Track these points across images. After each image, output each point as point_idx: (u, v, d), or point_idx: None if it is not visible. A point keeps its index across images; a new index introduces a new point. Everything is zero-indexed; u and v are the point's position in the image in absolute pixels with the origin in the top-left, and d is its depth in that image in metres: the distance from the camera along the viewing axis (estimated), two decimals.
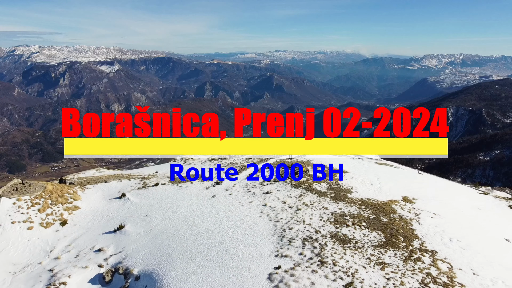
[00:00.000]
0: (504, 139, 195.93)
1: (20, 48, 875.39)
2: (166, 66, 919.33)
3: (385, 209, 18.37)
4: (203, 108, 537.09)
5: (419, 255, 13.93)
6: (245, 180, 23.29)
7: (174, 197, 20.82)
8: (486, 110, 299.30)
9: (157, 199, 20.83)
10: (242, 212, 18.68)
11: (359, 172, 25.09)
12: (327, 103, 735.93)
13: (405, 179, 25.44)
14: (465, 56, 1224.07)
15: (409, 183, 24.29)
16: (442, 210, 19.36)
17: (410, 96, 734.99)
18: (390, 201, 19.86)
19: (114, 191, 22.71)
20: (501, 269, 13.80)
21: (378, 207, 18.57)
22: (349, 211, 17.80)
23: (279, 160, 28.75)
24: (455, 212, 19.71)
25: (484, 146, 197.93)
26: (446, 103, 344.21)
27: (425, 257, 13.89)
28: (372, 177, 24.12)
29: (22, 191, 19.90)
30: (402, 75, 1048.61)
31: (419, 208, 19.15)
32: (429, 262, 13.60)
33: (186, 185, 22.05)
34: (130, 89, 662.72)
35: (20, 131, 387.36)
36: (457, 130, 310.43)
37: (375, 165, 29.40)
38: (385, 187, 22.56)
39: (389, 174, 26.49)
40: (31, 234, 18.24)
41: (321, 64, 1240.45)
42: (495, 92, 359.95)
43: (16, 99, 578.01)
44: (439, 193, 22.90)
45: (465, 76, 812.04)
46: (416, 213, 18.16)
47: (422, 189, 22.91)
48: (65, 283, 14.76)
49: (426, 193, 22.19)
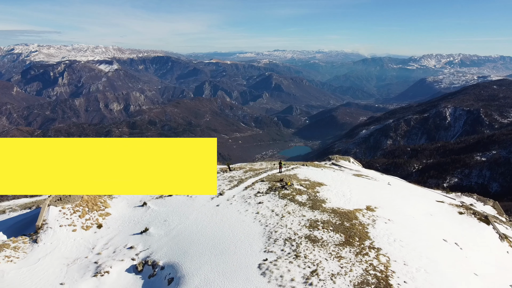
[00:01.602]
0: (501, 139, 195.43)
1: (19, 47, 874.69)
2: (165, 65, 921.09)
3: (350, 216, 23.46)
4: (202, 107, 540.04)
5: (367, 251, 19.19)
6: (242, 191, 28.61)
7: (185, 205, 26.31)
8: (484, 110, 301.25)
9: (172, 207, 26.26)
10: (239, 219, 24.27)
11: (335, 185, 30.49)
12: (326, 103, 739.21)
13: (373, 190, 30.50)
14: (464, 56, 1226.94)
15: (375, 193, 29.41)
16: (396, 217, 24.29)
17: (409, 96, 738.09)
18: (355, 209, 24.87)
19: (136, 200, 28.12)
20: (427, 262, 19.00)
21: (344, 215, 23.61)
22: (321, 218, 23.32)
23: (271, 174, 34.11)
24: (407, 218, 24.78)
25: (481, 147, 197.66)
26: (444, 103, 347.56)
27: (371, 252, 19.15)
28: (345, 189, 29.30)
29: (65, 200, 25.21)
30: (400, 75, 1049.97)
31: (377, 215, 24.07)
32: (373, 256, 18.81)
33: (195, 196, 27.32)
34: (129, 88, 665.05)
35: (19, 131, 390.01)
36: (455, 130, 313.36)
37: (352, 177, 35.06)
38: (354, 198, 27.58)
39: (361, 186, 31.70)
40: (76, 235, 23.56)
41: (320, 64, 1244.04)
42: (493, 92, 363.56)
43: (14, 98, 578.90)
44: (398, 202, 27.91)
45: (463, 76, 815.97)
46: (373, 220, 23.26)
47: (385, 199, 27.88)
48: (108, 272, 20.11)
49: (387, 202, 27.19)
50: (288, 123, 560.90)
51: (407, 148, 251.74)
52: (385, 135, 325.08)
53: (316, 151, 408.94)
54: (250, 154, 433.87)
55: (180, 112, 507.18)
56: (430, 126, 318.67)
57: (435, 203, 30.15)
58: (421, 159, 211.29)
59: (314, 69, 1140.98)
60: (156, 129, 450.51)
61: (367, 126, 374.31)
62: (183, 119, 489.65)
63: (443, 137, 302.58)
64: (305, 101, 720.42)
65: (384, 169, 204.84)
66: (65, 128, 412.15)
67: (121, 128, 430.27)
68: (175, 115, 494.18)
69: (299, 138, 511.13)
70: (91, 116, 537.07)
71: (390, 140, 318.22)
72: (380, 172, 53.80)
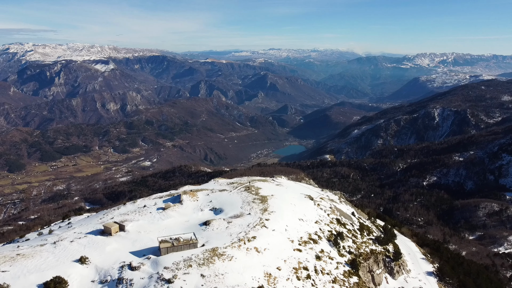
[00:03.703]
0: (479, 140, 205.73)
1: (14, 46, 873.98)
2: (160, 64, 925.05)
3: (263, 195, 53.18)
4: (198, 107, 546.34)
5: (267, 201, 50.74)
6: (236, 190, 58.08)
7: (222, 194, 56.51)
8: (470, 111, 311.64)
9: (218, 194, 56.36)
10: (235, 197, 53.94)
11: (266, 188, 59.14)
12: (320, 102, 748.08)
13: (277, 189, 59.20)
14: (457, 55, 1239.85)
15: (277, 190, 58.16)
16: (279, 197, 52.80)
17: (402, 95, 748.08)
18: (267, 195, 53.63)
19: (208, 191, 58.78)
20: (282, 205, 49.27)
21: (263, 196, 52.74)
22: (257, 196, 52.93)
23: (242, 183, 64.20)
24: (283, 197, 53.84)
25: (461, 147, 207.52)
26: (433, 104, 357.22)
27: (269, 200, 51.06)
28: (268, 189, 58.19)
29: (188, 192, 54.86)
30: (395, 74, 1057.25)
31: (272, 195, 53.41)
32: (267, 201, 50.41)
33: (227, 191, 58.69)
34: (125, 88, 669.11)
35: (18, 131, 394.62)
36: (443, 130, 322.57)
37: (274, 185, 62.96)
38: (269, 191, 56.15)
39: (275, 188, 60.13)
40: (191, 204, 51.59)
41: (315, 63, 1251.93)
42: (480, 93, 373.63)
43: (12, 98, 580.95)
44: (283, 192, 57.25)
45: (456, 75, 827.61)
46: (272, 195, 53.72)
47: (279, 192, 57.14)
48: (202, 210, 49.77)
49: (278, 193, 56.00)
50: (283, 122, 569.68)
51: (394, 148, 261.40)
52: (376, 135, 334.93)
53: (310, 150, 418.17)
54: (245, 153, 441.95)
55: (177, 112, 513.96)
56: (419, 126, 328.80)
57: (300, 195, 57.63)
58: (406, 158, 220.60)
59: (309, 68, 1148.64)
60: (153, 129, 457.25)
61: (359, 126, 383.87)
62: (180, 119, 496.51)
63: (431, 137, 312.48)
64: (300, 100, 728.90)
65: (371, 169, 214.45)
66: (64, 129, 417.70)
67: (119, 128, 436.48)
68: (171, 115, 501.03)
69: (294, 137, 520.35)
70: (88, 116, 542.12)
71: (381, 140, 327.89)
72: (294, 181, 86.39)
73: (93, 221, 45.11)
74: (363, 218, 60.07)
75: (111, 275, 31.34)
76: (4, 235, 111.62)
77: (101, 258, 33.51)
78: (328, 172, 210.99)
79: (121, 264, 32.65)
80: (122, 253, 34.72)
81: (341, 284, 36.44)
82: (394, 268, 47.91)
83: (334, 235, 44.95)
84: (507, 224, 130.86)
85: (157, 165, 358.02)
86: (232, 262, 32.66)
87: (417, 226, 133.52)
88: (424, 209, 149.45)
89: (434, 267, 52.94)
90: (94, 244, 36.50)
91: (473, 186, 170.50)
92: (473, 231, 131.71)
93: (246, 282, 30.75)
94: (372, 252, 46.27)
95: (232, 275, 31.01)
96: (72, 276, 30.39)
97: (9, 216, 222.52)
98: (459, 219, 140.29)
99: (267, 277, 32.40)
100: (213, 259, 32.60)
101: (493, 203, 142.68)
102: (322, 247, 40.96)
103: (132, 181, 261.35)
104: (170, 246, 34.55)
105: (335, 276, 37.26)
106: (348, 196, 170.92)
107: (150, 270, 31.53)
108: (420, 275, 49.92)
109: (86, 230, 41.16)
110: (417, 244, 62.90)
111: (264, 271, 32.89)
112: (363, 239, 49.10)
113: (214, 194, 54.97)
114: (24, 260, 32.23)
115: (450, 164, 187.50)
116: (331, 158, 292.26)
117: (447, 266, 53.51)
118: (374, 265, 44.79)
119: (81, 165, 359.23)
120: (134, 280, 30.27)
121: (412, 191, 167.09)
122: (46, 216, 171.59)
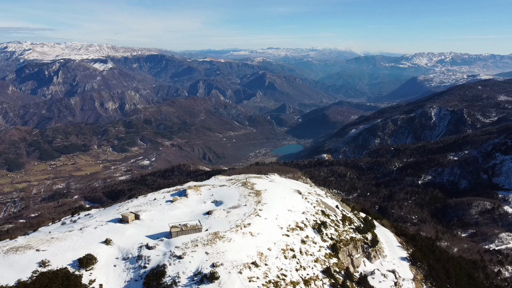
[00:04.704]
0: (474, 140, 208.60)
1: (12, 45, 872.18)
2: (159, 63, 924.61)
3: (257, 190, 59.17)
4: (196, 106, 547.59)
5: (261, 195, 56.68)
6: (234, 184, 64.33)
7: (222, 188, 61.74)
8: (467, 110, 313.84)
9: (218, 189, 62.13)
10: (233, 191, 59.99)
11: (260, 183, 64.25)
12: (318, 101, 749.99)
13: (270, 184, 64.40)
14: (455, 55, 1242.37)
15: (269, 185, 63.05)
16: (272, 192, 58.35)
17: (400, 94, 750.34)
18: (261, 190, 59.00)
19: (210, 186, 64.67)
20: (274, 198, 55.08)
21: (258, 191, 58.53)
22: (252, 191, 59.08)
23: (239, 179, 68.96)
24: (274, 191, 59.37)
25: (456, 147, 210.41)
26: (430, 104, 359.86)
27: (262, 194, 57.23)
28: (262, 185, 63.22)
29: (192, 187, 61.34)
30: (393, 73, 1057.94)
31: (265, 190, 59.30)
32: (261, 194, 56.52)
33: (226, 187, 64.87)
34: (124, 87, 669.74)
35: (17, 130, 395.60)
36: (439, 129, 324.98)
37: (267, 181, 67.28)
38: (262, 187, 61.45)
39: (267, 184, 65.05)
40: (196, 196, 57.91)
41: (313, 62, 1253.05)
42: (477, 93, 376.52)
43: (10, 97, 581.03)
44: (274, 187, 62.32)
45: (453, 75, 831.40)
46: (265, 189, 59.80)
47: (270, 187, 62.34)
48: (205, 202, 56.08)
49: (270, 187, 61.51)
50: (281, 121, 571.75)
51: (390, 147, 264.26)
52: (373, 134, 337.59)
53: (308, 149, 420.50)
54: (243, 153, 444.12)
55: (175, 111, 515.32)
56: (416, 125, 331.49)
57: (291, 190, 62.66)
58: (402, 158, 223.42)
59: (307, 68, 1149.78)
60: (152, 128, 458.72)
61: (357, 126, 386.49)
62: (178, 118, 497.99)
63: (428, 136, 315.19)
64: (298, 99, 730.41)
65: (368, 168, 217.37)
66: (63, 128, 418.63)
67: (117, 127, 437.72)
68: (170, 114, 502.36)
69: (292, 136, 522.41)
70: (87, 115, 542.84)
71: (378, 139, 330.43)
72: (285, 178, 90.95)
73: (111, 212, 51.60)
74: (346, 210, 66.31)
75: (132, 253, 38.05)
76: (8, 232, 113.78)
77: (122, 240, 40.16)
78: (325, 171, 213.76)
79: (139, 245, 39.24)
80: (139, 236, 41.43)
81: (322, 263, 43.18)
82: (371, 253, 54.04)
83: (318, 224, 51.48)
84: (498, 222, 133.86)
85: (156, 164, 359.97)
86: (230, 243, 39.46)
87: (411, 223, 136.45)
88: (419, 207, 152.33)
89: (408, 253, 58.90)
90: (114, 229, 43.11)
91: (467, 185, 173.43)
92: (465, 228, 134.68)
93: (242, 258, 37.47)
94: (352, 239, 52.69)
95: (230, 253, 37.72)
96: (100, 254, 37.28)
97: (9, 215, 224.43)
98: (452, 217, 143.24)
99: (259, 255, 39.09)
100: (215, 241, 39.48)
101: (485, 202, 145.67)
102: (307, 233, 47.87)
103: (131, 180, 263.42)
104: (180, 230, 41.15)
105: (317, 257, 43.80)
106: (345, 194, 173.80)
107: (163, 249, 38.32)
108: (395, 259, 56.15)
109: (106, 219, 47.63)
110: (395, 234, 68.95)
111: (257, 251, 39.64)
112: (345, 228, 55.48)
113: (215, 189, 61.25)
114: (59, 242, 39.13)
115: (445, 163, 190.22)
116: (328, 157, 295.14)
117: (419, 253, 59.35)
118: (353, 250, 51.37)
119: (80, 164, 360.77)
120: (151, 257, 37.13)
121: (407, 190, 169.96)
122: (46, 214, 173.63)
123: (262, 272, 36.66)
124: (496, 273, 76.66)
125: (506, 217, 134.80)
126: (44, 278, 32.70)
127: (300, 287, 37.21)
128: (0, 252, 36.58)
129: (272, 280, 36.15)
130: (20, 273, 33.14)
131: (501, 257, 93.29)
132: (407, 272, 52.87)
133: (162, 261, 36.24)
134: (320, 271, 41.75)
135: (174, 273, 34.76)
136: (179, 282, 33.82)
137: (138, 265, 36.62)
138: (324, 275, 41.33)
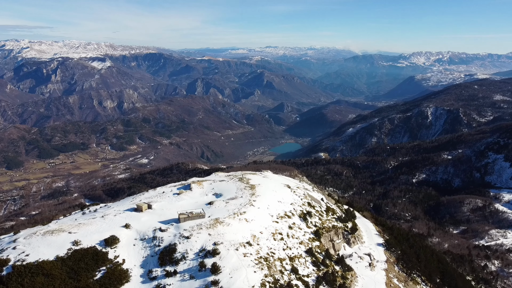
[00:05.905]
0: (468, 139, 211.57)
1: (10, 43, 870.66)
2: (157, 62, 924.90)
3: (252, 184, 66.01)
4: (194, 105, 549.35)
5: (255, 188, 63.38)
6: (232, 179, 71.26)
7: (222, 182, 69.27)
8: (463, 110, 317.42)
9: (219, 183, 69.03)
10: (232, 185, 66.78)
11: (254, 179, 70.88)
12: (316, 100, 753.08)
13: (262, 179, 71.01)
14: (453, 54, 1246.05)
15: (262, 180, 69.92)
16: (264, 186, 65.45)
17: (397, 93, 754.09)
18: (255, 184, 66.16)
19: (211, 181, 71.08)
20: (266, 191, 61.78)
21: (252, 185, 65.51)
22: (247, 185, 65.67)
23: (237, 175, 75.05)
24: (268, 186, 65.65)
25: (450, 146, 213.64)
26: (427, 103, 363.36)
27: (256, 187, 63.96)
28: (257, 180, 70.02)
29: (195, 182, 68.67)
30: (390, 72, 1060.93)
31: (259, 184, 66.21)
32: (256, 188, 63.65)
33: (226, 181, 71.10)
34: (122, 85, 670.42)
35: (16, 128, 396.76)
36: (436, 128, 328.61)
37: (261, 177, 74.13)
38: (256, 181, 68.20)
39: (261, 179, 71.55)
40: (199, 189, 65.67)
41: (311, 61, 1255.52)
42: (473, 92, 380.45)
43: (8, 95, 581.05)
44: (267, 182, 69.25)
45: (451, 74, 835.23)
46: (258, 184, 66.90)
47: (263, 181, 69.12)
48: (207, 194, 63.28)
49: (263, 182, 68.72)
50: (279, 120, 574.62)
51: (386, 146, 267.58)
52: (370, 133, 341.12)
53: (306, 148, 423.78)
54: (241, 151, 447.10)
55: (174, 109, 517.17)
56: (413, 125, 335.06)
57: (281, 184, 69.26)
58: (398, 156, 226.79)
59: (305, 66, 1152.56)
60: (150, 127, 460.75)
61: (354, 125, 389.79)
62: (176, 117, 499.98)
63: (424, 135, 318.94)
64: (296, 98, 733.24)
65: (364, 166, 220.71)
66: (61, 126, 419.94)
67: (116, 126, 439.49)
68: (168, 113, 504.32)
69: (290, 135, 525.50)
70: (85, 113, 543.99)
71: (375, 138, 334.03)
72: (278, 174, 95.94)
73: (126, 203, 60.44)
74: (330, 203, 73.84)
75: (148, 235, 46.32)
76: (13, 228, 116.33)
77: (139, 225, 48.38)
78: (322, 170, 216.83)
79: (153, 228, 47.37)
80: (153, 222, 49.54)
81: (306, 245, 50.97)
82: (351, 239, 61.27)
83: (304, 213, 58.87)
84: (489, 219, 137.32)
85: (154, 162, 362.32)
86: (229, 227, 47.50)
87: (404, 221, 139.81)
88: (412, 205, 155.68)
89: (384, 240, 66.11)
90: (131, 217, 51.47)
91: (460, 183, 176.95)
92: (457, 225, 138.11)
93: (238, 239, 45.60)
94: (334, 226, 60.07)
95: (229, 235, 45.84)
96: (121, 236, 44.83)
97: (9, 212, 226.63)
98: (444, 214, 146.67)
99: (253, 237, 47.16)
100: (216, 225, 47.63)
101: (477, 199, 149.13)
102: (294, 221, 55.49)
103: (130, 178, 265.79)
104: (187, 217, 49.61)
105: (302, 240, 51.63)
106: (340, 193, 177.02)
107: (174, 231, 46.61)
108: (372, 245, 63.51)
109: (123, 208, 56.07)
110: (374, 224, 75.97)
111: (250, 233, 47.62)
112: (328, 217, 62.75)
113: (215, 183, 68.97)
114: (86, 226, 47.38)
115: (439, 162, 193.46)
116: (325, 156, 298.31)
117: (394, 240, 66.83)
118: (335, 236, 58.66)
119: (79, 162, 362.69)
120: (164, 238, 45.47)
121: (401, 188, 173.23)
122: (47, 212, 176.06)
123: (254, 250, 44.74)
124: (483, 267, 79.98)
125: (497, 215, 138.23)
126: (77, 254, 40.31)
127: (286, 262, 45.31)
128: (39, 235, 44.00)
129: (263, 256, 44.11)
130: (58, 250, 40.53)
131: (489, 252, 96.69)
132: (381, 256, 60.06)
133: (173, 240, 44.52)
134: (303, 251, 49.44)
135: (183, 250, 42.94)
136: (187, 257, 42.20)
137: (153, 244, 44.60)
138: (307, 254, 49.05)
